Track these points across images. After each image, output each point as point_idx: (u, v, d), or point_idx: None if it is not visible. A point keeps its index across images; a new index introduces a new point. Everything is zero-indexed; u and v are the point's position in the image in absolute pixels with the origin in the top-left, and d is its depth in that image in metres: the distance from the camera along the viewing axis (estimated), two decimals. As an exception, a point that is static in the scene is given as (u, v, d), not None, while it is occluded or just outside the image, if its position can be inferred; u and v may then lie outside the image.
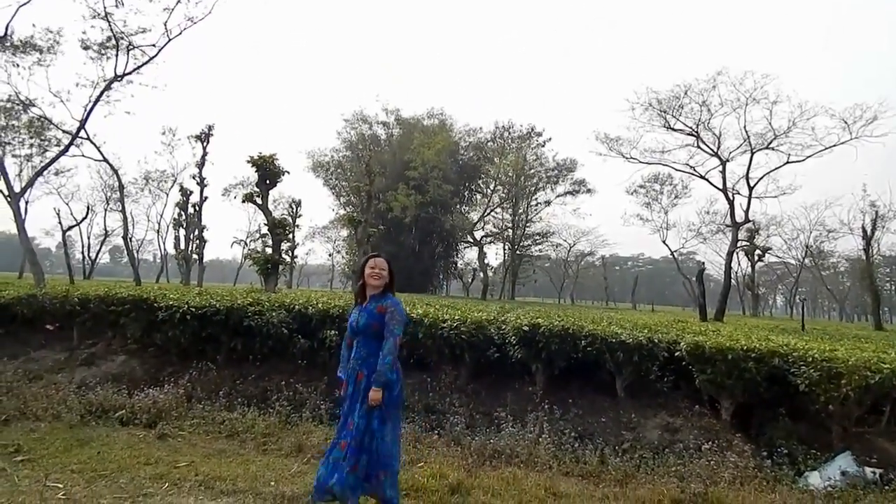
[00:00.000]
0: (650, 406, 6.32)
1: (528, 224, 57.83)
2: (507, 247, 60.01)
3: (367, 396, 3.53)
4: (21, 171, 38.24)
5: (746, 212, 28.65)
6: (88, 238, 53.86)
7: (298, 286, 68.52)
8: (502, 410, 6.04)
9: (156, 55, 20.01)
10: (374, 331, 3.62)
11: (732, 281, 31.04)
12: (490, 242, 59.89)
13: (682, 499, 4.33)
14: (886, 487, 4.79)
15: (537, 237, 59.78)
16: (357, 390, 3.62)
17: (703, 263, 30.77)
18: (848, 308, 72.05)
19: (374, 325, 3.63)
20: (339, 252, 65.86)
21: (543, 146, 54.74)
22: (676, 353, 6.44)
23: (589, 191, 56.00)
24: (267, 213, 20.77)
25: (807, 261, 53.43)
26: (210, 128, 37.75)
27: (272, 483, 4.34)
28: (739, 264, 52.42)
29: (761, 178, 28.86)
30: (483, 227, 57.23)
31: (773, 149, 27.84)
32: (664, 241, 50.30)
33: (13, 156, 36.62)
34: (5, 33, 17.76)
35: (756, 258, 48.85)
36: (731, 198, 28.71)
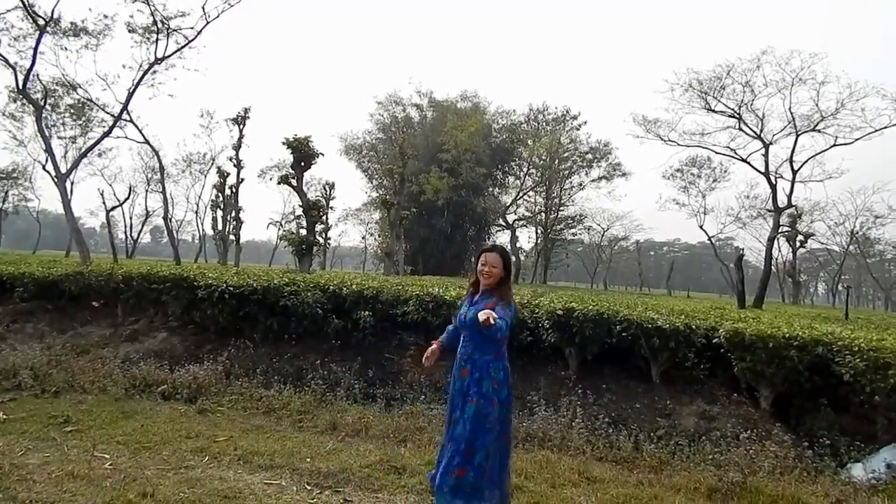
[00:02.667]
0: (686, 393, 6.21)
1: (561, 208, 57.21)
2: (539, 230, 59.50)
3: (470, 395, 3.34)
4: (66, 152, 39.55)
5: (789, 196, 27.68)
6: (130, 218, 55.58)
7: (332, 267, 69.40)
8: (535, 394, 6.02)
9: (194, 38, 20.28)
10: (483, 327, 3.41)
11: (773, 268, 30.17)
12: (523, 226, 59.40)
13: (719, 487, 4.26)
14: (935, 482, 4.62)
15: (570, 221, 59.08)
16: (461, 387, 3.42)
17: (742, 249, 30.11)
18: (894, 297, 69.47)
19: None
20: (371, 234, 66.22)
21: (578, 129, 53.76)
22: (714, 340, 6.29)
23: (624, 175, 54.90)
24: (301, 194, 21.01)
25: (851, 248, 51.61)
26: (246, 111, 38.31)
27: (308, 459, 4.43)
28: (780, 251, 50.89)
29: (806, 161, 27.77)
30: (515, 211, 56.74)
31: (819, 131, 26.75)
32: (701, 227, 48.98)
33: (59, 137, 37.86)
34: (51, 17, 18.22)
35: (798, 244, 47.30)
36: (774, 182, 27.74)
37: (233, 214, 40.52)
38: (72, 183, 42.37)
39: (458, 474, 3.27)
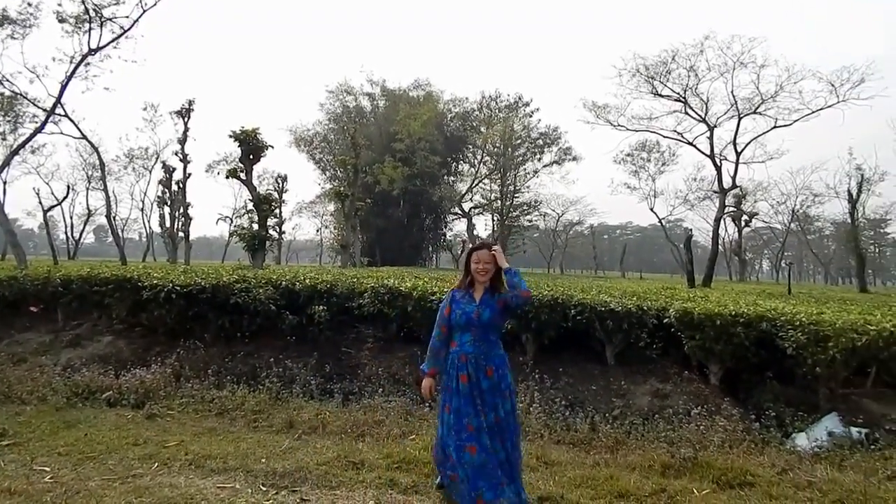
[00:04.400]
0: (640, 373, 6.37)
1: (516, 194, 57.69)
2: (495, 218, 59.89)
3: (503, 390, 3.51)
4: (-4, 150, 37.43)
5: (734, 177, 28.72)
6: (71, 218, 53.18)
7: (287, 262, 68.26)
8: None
9: (130, 28, 19.46)
10: (497, 324, 3.62)
11: (720, 247, 31.26)
12: (479, 213, 59.69)
13: (672, 463, 4.38)
14: (872, 447, 4.87)
15: (526, 207, 59.64)
16: (492, 386, 3.48)
17: (691, 230, 31.02)
18: (833, 271, 73.12)
19: (497, 318, 3.59)
20: (326, 227, 65.39)
21: (531, 116, 54.19)
22: (665, 321, 6.46)
23: (575, 158, 55.68)
24: (252, 188, 20.53)
25: (793, 225, 54.02)
26: (191, 103, 37.12)
27: (263, 460, 4.33)
28: (726, 230, 52.82)
29: (748, 143, 28.88)
30: (471, 199, 56.95)
31: (760, 113, 27.79)
32: (652, 209, 50.43)
33: (-13, 135, 35.81)
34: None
35: (743, 224, 49.23)
36: (719, 164, 28.75)
37: (181, 211, 39.36)
38: (4, 182, 40.21)
39: (517, 465, 3.51)
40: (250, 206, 21.17)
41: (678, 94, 28.67)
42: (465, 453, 3.38)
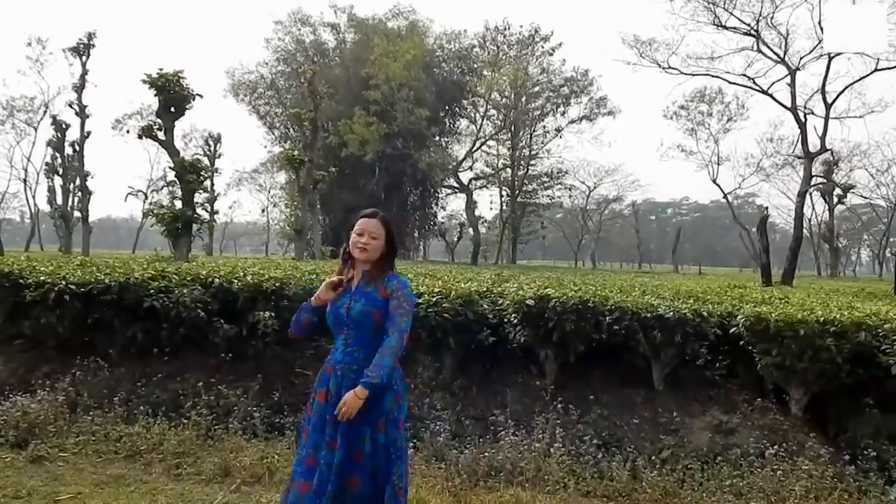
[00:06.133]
0: (697, 401, 6.40)
1: (532, 161, 57.82)
2: (504, 192, 60.04)
3: (372, 419, 3.38)
4: None
5: (823, 138, 28.86)
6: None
7: (222, 252, 68.23)
8: (500, 413, 6.05)
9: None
10: (376, 322, 3.45)
11: (804, 231, 31.49)
12: (482, 187, 60.01)
13: (739, 521, 4.40)
14: None
15: (545, 179, 59.85)
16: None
17: (767, 209, 31.06)
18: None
19: (376, 313, 3.44)
20: (275, 205, 65.41)
21: (551, 54, 54.26)
22: (732, 330, 6.48)
23: (611, 112, 55.96)
24: (173, 152, 20.44)
25: (902, 202, 54.21)
26: (91, 37, 36.84)
27: (189, 519, 4.32)
28: (813, 209, 53.19)
29: (842, 91, 28.99)
30: (472, 167, 57.15)
31: (860, 54, 27.84)
32: (714, 181, 50.67)
33: None
34: None
35: (835, 200, 49.56)
36: (803, 119, 28.82)
37: (77, 182, 39.22)
38: None
39: None
40: (171, 176, 21.12)
41: (748, 25, 28.73)
42: (292, 492, 3.38)
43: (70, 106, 38.09)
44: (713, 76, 31.61)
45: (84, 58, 36.77)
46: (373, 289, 3.50)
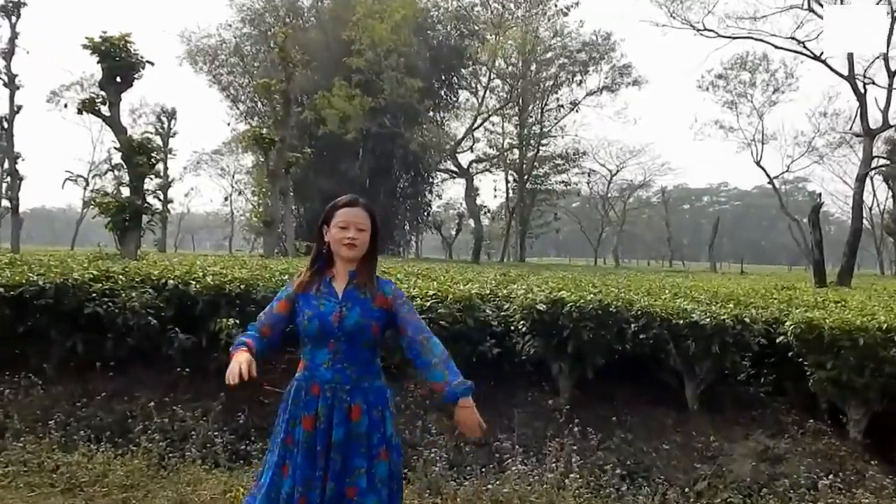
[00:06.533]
0: (738, 423, 6.40)
1: (543, 140, 57.80)
2: (511, 178, 60.03)
3: (374, 445, 3.37)
4: None
5: (885, 112, 28.80)
6: None
7: (177, 248, 68.24)
8: (507, 438, 6.06)
9: None
10: (372, 337, 3.45)
11: (865, 222, 31.52)
12: (484, 171, 59.93)
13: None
14: None
15: (559, 161, 59.90)
16: (352, 437, 3.37)
17: (820, 196, 31.25)
18: None
19: (374, 326, 3.43)
20: (240, 192, 65.37)
21: (566, 14, 54.14)
22: (779, 340, 6.48)
23: (636, 83, 55.90)
24: (119, 129, 20.37)
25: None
26: (21, -8, 36.71)
27: (139, 564, 4.33)
28: (875, 196, 53.18)
29: (910, 57, 28.91)
30: (473, 148, 57.02)
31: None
32: (758, 163, 50.67)
33: None
34: None
35: (901, 185, 49.53)
36: (862, 90, 28.80)
37: (6, 166, 39.11)
38: None
39: None
40: (117, 158, 21.07)
41: (799, -22, 28.66)
42: None
43: (-5, 75, 38.00)
44: (756, 39, 31.64)
45: (13, 19, 36.68)
46: (367, 296, 3.45)
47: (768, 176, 50.96)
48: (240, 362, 3.35)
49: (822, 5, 28.74)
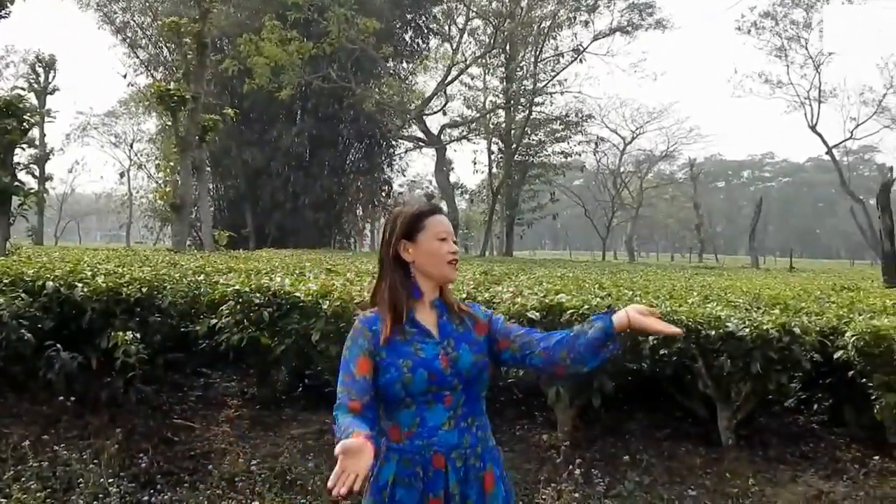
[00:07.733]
0: (784, 461, 6.46)
1: (538, 98, 57.57)
2: (495, 147, 59.91)
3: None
4: None
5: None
6: None
7: (59, 239, 67.64)
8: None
9: None
10: (488, 378, 3.34)
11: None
12: (461, 138, 59.59)
13: None
14: None
15: (557, 125, 59.75)
16: (483, 496, 3.23)
17: (892, 170, 31.23)
18: None
19: (488, 363, 3.34)
20: (140, 166, 64.88)
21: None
22: (837, 355, 6.53)
23: (660, 25, 55.80)
24: (-19, 85, 20.23)
25: None
26: None
27: None
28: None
29: None
30: (444, 108, 56.81)
31: None
32: (813, 127, 50.98)
33: None
34: None
35: None
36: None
37: None
38: None
39: None
40: (-26, 121, 20.87)
41: None
42: None
43: None
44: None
45: None
46: (466, 328, 3.33)
47: (826, 144, 51.28)
48: (351, 447, 2.68)
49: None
